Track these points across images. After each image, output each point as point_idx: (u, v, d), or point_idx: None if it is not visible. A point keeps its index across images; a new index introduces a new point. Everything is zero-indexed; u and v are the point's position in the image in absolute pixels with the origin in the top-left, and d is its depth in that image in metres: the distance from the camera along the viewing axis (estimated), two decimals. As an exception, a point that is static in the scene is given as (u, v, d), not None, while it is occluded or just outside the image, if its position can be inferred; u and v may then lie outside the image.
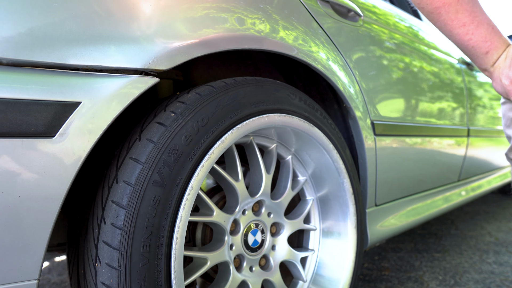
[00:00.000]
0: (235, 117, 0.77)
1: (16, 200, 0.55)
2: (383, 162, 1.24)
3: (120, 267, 0.62)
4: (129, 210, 0.63)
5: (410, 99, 1.41)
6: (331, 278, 1.02)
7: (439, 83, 1.64)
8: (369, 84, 1.21)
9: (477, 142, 1.96)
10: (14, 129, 0.54)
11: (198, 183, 0.70)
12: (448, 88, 1.71)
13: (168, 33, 0.70)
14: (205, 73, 1.15)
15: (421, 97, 1.48)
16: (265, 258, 0.97)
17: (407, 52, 1.45)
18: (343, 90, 1.07)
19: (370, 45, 1.25)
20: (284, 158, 1.02)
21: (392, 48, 1.36)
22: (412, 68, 1.45)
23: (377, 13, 1.38)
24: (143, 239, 0.63)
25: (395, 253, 1.90)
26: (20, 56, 0.56)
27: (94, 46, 0.62)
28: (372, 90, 1.22)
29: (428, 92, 1.53)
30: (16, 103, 0.54)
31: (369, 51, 1.25)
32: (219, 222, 0.82)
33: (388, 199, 1.32)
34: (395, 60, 1.36)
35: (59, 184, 0.58)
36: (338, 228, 1.05)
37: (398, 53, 1.39)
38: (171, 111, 0.71)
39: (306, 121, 0.92)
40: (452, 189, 1.78)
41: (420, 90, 1.47)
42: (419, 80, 1.48)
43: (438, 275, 1.59)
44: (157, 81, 0.67)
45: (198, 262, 0.81)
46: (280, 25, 0.92)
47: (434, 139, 1.56)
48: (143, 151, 0.66)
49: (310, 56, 0.97)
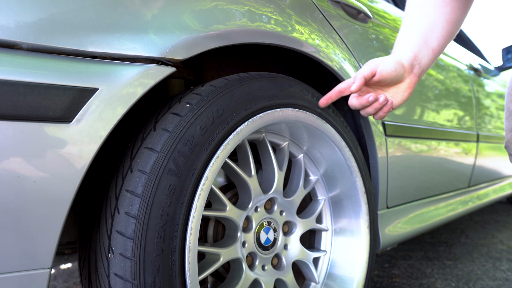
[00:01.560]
0: (250, 109, 0.76)
1: (32, 185, 0.54)
2: (395, 163, 1.23)
3: (134, 257, 0.61)
4: (144, 199, 0.62)
5: (420, 101, 1.41)
6: (344, 278, 0.99)
7: (449, 87, 1.63)
8: (380, 85, 1.21)
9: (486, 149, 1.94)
10: (33, 112, 0.54)
11: (213, 173, 0.69)
12: (457, 93, 1.70)
13: (185, 23, 0.70)
14: (216, 74, 1.15)
15: (432, 100, 1.48)
16: (278, 257, 0.95)
17: (417, 55, 1.45)
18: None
19: (381, 46, 1.26)
20: (296, 156, 1.01)
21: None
22: (422, 71, 1.45)
23: (386, 17, 1.39)
24: (157, 229, 0.62)
25: (405, 260, 1.87)
26: (40, 42, 0.56)
27: (112, 34, 0.62)
28: (383, 91, 1.22)
29: (438, 96, 1.52)
30: (35, 87, 0.54)
31: (380, 52, 1.25)
32: (232, 218, 0.81)
33: (400, 201, 1.30)
34: (405, 62, 1.36)
35: (75, 169, 0.57)
36: (351, 227, 1.03)
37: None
38: (186, 102, 0.71)
39: (318, 117, 0.92)
40: (464, 194, 1.76)
41: (430, 93, 1.47)
42: (429, 84, 1.48)
43: (451, 282, 1.56)
44: (173, 70, 0.67)
45: (210, 258, 0.80)
46: (294, 21, 0.92)
47: (445, 142, 1.54)
48: (158, 140, 0.66)
49: (323, 55, 0.97)
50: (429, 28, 0.80)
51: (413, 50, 0.80)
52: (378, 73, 0.78)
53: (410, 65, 0.80)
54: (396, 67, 0.78)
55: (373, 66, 0.78)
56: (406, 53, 0.80)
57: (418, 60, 0.80)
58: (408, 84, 0.81)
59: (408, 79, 0.81)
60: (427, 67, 0.82)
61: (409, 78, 0.81)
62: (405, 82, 0.81)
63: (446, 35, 0.81)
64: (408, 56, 0.79)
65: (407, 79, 0.81)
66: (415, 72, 0.81)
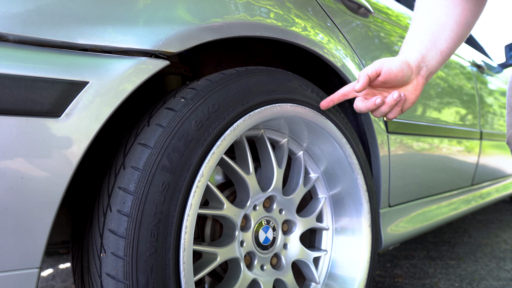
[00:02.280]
0: (247, 104, 0.74)
1: (19, 181, 0.52)
2: (397, 160, 1.21)
3: (126, 256, 0.59)
4: (137, 196, 0.60)
5: (423, 98, 1.38)
6: (345, 278, 0.97)
7: (452, 84, 1.61)
8: (381, 81, 1.18)
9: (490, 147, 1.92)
10: (19, 106, 0.52)
11: (208, 170, 0.67)
12: (460, 90, 1.67)
13: (179, 15, 0.68)
14: (213, 70, 1.13)
15: (434, 97, 1.45)
16: (277, 257, 0.93)
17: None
18: (356, 84, 1.05)
19: (382, 41, 1.23)
20: (295, 154, 0.99)
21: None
22: (424, 67, 1.42)
23: (386, 11, 1.36)
24: (150, 227, 0.60)
25: (407, 260, 1.84)
26: (27, 33, 0.54)
27: (103, 26, 0.60)
28: (385, 87, 1.19)
29: (441, 93, 1.50)
30: (22, 79, 0.52)
31: (381, 47, 1.22)
32: (229, 216, 0.78)
33: (402, 200, 1.28)
34: (407, 58, 1.34)
35: (64, 166, 0.55)
36: (352, 226, 1.01)
37: (409, 52, 1.36)
38: (181, 97, 0.69)
39: (318, 113, 0.90)
40: (466, 193, 1.73)
41: (433, 90, 1.44)
42: (432, 81, 1.45)
43: (454, 282, 1.53)
44: (167, 63, 0.65)
45: (207, 258, 0.78)
46: (293, 14, 0.90)
47: (448, 139, 1.52)
48: (152, 135, 0.64)
49: (323, 48, 0.95)
50: (437, 30, 0.77)
51: (421, 52, 0.77)
52: (383, 72, 0.75)
53: (417, 66, 0.77)
54: (403, 67, 0.74)
55: (378, 65, 0.75)
56: (413, 54, 0.77)
57: (426, 62, 0.77)
58: (415, 86, 0.78)
59: (415, 81, 0.77)
60: (435, 69, 0.79)
61: (416, 80, 0.77)
62: (411, 84, 0.78)
63: (456, 38, 0.78)
64: (415, 57, 0.76)
65: (414, 81, 0.77)
66: (423, 74, 0.78)
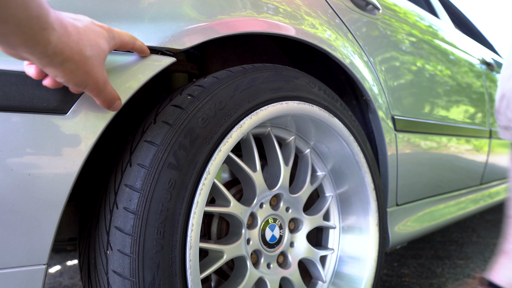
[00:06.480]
0: (254, 101, 0.73)
1: (26, 178, 0.52)
2: (405, 159, 1.19)
3: (133, 254, 0.58)
4: (143, 193, 0.59)
5: (431, 96, 1.36)
6: (352, 277, 0.96)
7: (461, 82, 1.58)
8: (389, 78, 1.17)
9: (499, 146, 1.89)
10: (26, 103, 0.51)
11: (215, 168, 0.67)
12: (469, 88, 1.65)
13: (185, 11, 0.67)
14: (220, 68, 1.12)
15: (443, 95, 1.43)
16: (283, 255, 0.92)
17: (427, 48, 1.40)
18: (363, 82, 1.04)
19: (390, 38, 1.22)
20: (302, 151, 0.98)
21: (412, 42, 1.32)
22: (433, 65, 1.40)
23: (396, 10, 1.35)
24: (157, 224, 0.60)
25: (415, 259, 1.82)
26: (34, 30, 0.54)
27: (109, 23, 0.60)
28: (392, 85, 1.18)
29: (450, 91, 1.48)
30: (29, 76, 0.51)
31: (389, 44, 1.21)
32: (236, 214, 0.78)
33: (410, 198, 1.26)
34: (415, 55, 1.32)
35: (71, 164, 0.55)
36: (360, 224, 1.00)
37: (418, 48, 1.35)
38: (187, 94, 0.68)
39: (325, 111, 0.89)
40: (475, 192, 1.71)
41: (441, 88, 1.43)
42: (440, 79, 1.43)
43: (462, 281, 1.51)
44: (173, 60, 0.64)
45: (213, 255, 0.77)
46: (301, 11, 0.89)
47: (457, 138, 1.50)
48: (158, 133, 0.63)
49: (330, 46, 0.94)
50: None
51: None
52: None
53: None
54: None
55: None
56: None
57: None
58: None
59: None
60: None
61: None
62: None
63: None
64: None
65: None
66: None
